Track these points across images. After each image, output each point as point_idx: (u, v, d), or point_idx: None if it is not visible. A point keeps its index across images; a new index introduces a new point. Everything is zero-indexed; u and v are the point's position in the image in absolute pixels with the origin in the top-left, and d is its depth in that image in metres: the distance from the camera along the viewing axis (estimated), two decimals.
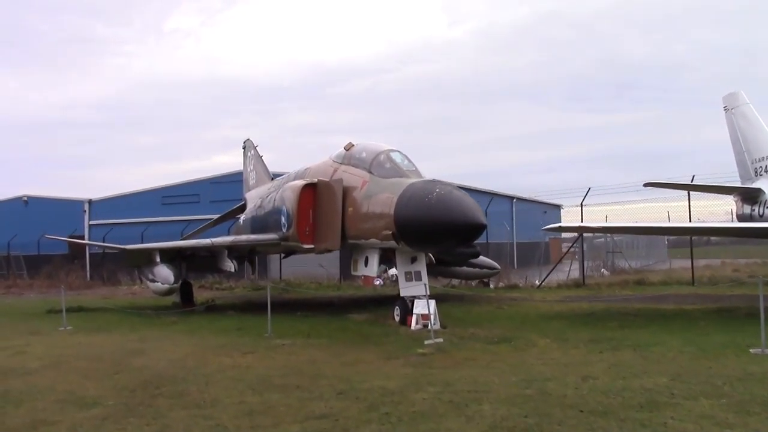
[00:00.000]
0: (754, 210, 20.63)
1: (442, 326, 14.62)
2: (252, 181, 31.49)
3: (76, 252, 45.61)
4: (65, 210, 48.13)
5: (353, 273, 18.46)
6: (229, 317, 18.77)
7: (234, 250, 21.56)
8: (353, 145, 18.23)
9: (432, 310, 14.57)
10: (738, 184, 22.28)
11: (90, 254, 45.80)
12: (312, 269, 33.40)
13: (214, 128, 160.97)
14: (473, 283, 32.88)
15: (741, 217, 21.44)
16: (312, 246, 18.31)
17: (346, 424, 7.47)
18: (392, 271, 33.86)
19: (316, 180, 18.29)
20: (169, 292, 20.69)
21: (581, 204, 27.93)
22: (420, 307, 14.75)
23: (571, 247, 34.01)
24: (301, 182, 18.41)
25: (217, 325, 17.18)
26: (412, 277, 15.89)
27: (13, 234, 46.41)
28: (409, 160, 16.50)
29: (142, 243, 29.99)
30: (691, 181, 24.52)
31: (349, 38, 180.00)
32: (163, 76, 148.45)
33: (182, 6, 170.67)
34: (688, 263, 38.23)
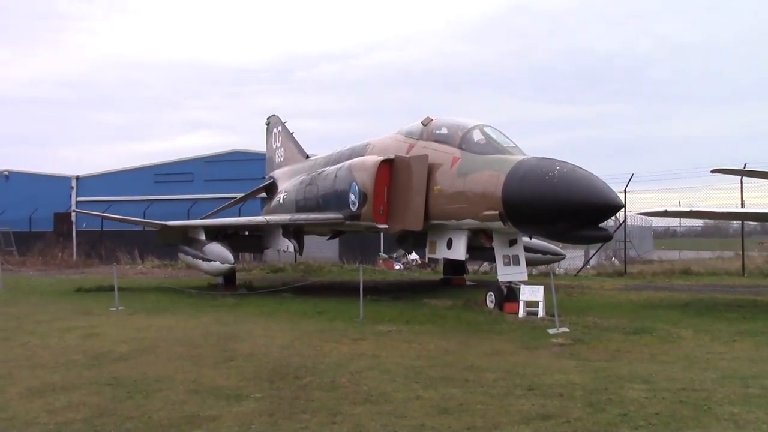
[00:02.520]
0: None
1: (549, 314, 13.55)
2: (279, 159, 30.08)
3: (62, 230, 43.86)
4: (50, 186, 46.22)
5: (429, 255, 17.38)
6: (297, 300, 17.49)
7: (288, 229, 20.28)
8: (432, 120, 17.06)
9: (541, 297, 13.56)
10: None
11: (78, 232, 44.22)
12: (310, 253, 32.00)
13: (178, 109, 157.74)
14: None
15: None
16: (386, 226, 17.13)
17: (586, 426, 6.37)
18: (412, 256, 32.94)
19: (392, 156, 17.06)
20: (228, 272, 19.42)
21: (624, 190, 26.97)
22: (527, 294, 13.68)
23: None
24: (377, 158, 17.16)
25: (290, 308, 15.96)
26: (510, 261, 14.81)
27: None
28: (506, 136, 15.36)
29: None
30: (744, 168, 23.61)
31: (318, 24, 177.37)
32: (127, 56, 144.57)
33: None
34: (675, 254, 37.97)
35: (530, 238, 18.94)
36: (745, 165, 23.66)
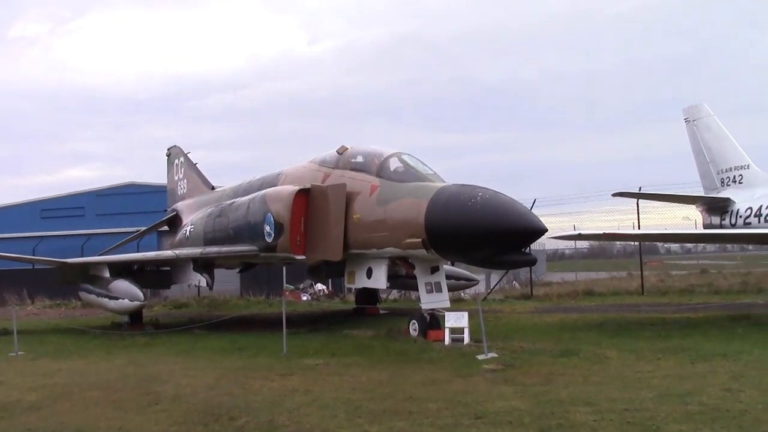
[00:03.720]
0: (724, 219, 20.94)
1: (474, 340, 13.58)
2: (181, 191, 29.19)
3: None
4: None
5: (348, 285, 17.19)
6: (212, 336, 16.79)
7: (198, 263, 19.59)
8: (347, 149, 16.93)
9: (466, 323, 13.58)
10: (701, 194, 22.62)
11: None
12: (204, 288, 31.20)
13: (63, 141, 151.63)
14: (414, 296, 32.06)
15: (708, 227, 21.74)
16: (303, 257, 16.78)
17: None
18: (318, 286, 32.60)
19: (308, 185, 16.78)
20: (137, 310, 18.49)
21: None
22: (452, 320, 13.66)
23: None
24: (293, 187, 16.81)
25: (207, 345, 15.32)
26: (433, 288, 14.80)
27: None
28: (424, 164, 15.41)
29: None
30: (639, 191, 24.69)
31: (206, 52, 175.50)
32: (5, 84, 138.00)
33: (29, 13, 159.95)
34: (568, 276, 39.24)
35: (452, 265, 19.02)
36: (640, 188, 24.80)
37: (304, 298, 31.55)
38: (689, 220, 28.85)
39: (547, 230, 12.82)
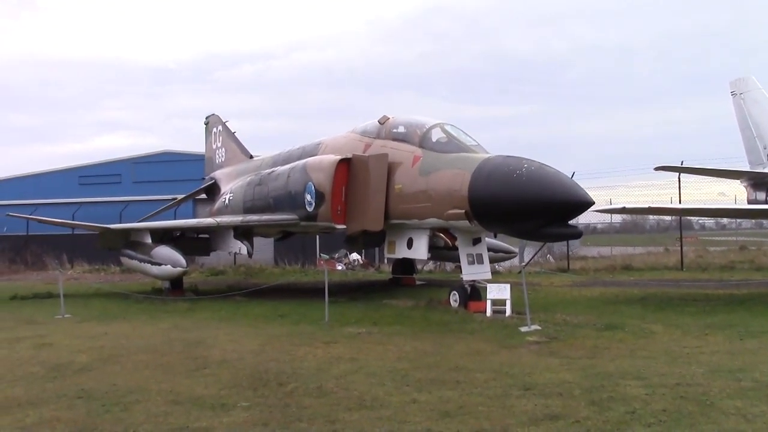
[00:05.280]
0: None
1: (516, 312, 13.53)
2: (219, 159, 29.37)
3: None
4: None
5: (388, 255, 17.17)
6: (253, 303, 16.96)
7: (238, 231, 19.74)
8: (388, 118, 16.85)
9: (508, 295, 13.53)
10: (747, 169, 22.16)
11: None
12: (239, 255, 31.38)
13: (92, 110, 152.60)
14: (449, 267, 32.01)
15: (752, 203, 21.31)
16: (344, 226, 16.82)
17: (597, 426, 6.28)
18: (353, 256, 32.74)
19: (350, 155, 16.76)
20: (179, 276, 18.74)
21: None
22: (494, 292, 13.61)
23: None
24: (334, 157, 16.81)
25: (248, 312, 15.50)
26: (474, 259, 14.75)
27: None
28: (467, 134, 15.28)
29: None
30: (681, 164, 24.23)
31: (237, 24, 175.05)
32: (38, 54, 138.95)
33: None
34: (603, 250, 38.71)
35: (494, 237, 18.91)
36: (682, 162, 24.34)
37: (339, 268, 31.73)
38: (725, 196, 28.45)
39: (594, 203, 12.67)
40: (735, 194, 27.00)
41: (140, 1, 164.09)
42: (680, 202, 25.08)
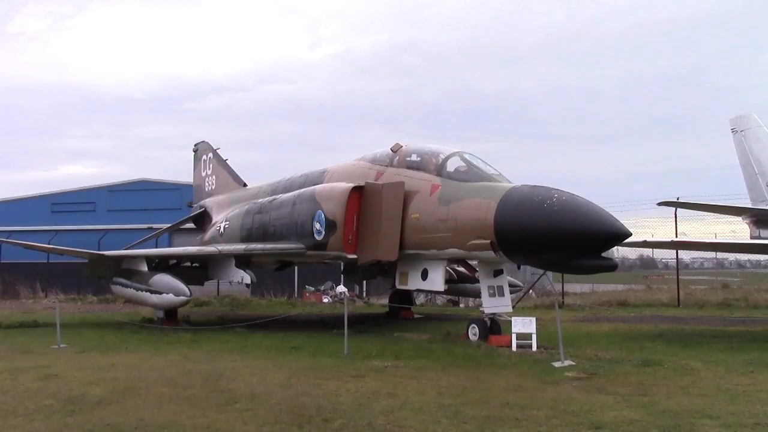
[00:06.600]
0: None
1: (540, 347, 13.10)
2: (209, 187, 28.79)
3: None
4: None
5: (399, 287, 16.63)
6: (259, 335, 16.28)
7: (239, 260, 19.11)
8: (401, 146, 16.50)
9: (533, 329, 13.10)
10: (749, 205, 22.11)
11: None
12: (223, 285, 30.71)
13: (60, 138, 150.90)
14: (440, 301, 31.52)
15: (755, 239, 21.21)
16: (355, 256, 16.30)
17: None
18: (339, 288, 32.15)
19: (362, 183, 16.32)
20: (181, 306, 18.03)
21: None
22: (519, 326, 13.17)
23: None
24: (347, 185, 16.35)
25: (258, 343, 14.84)
26: (495, 292, 14.32)
27: None
28: (487, 163, 14.95)
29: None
30: (677, 200, 24.15)
31: (207, 53, 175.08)
32: (3, 81, 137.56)
33: (27, 7, 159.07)
34: (582, 287, 38.19)
35: (518, 268, 18.48)
36: (678, 198, 24.28)
37: (326, 300, 31.13)
38: (735, 233, 28.45)
39: (631, 234, 12.32)
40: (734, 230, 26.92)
41: (106, 29, 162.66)
42: (676, 236, 25.00)
